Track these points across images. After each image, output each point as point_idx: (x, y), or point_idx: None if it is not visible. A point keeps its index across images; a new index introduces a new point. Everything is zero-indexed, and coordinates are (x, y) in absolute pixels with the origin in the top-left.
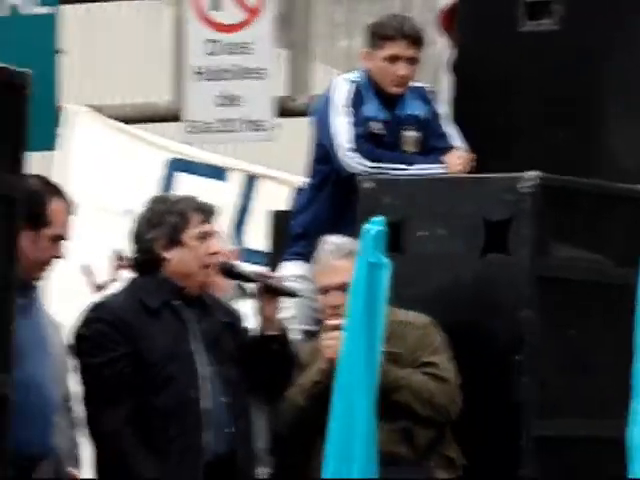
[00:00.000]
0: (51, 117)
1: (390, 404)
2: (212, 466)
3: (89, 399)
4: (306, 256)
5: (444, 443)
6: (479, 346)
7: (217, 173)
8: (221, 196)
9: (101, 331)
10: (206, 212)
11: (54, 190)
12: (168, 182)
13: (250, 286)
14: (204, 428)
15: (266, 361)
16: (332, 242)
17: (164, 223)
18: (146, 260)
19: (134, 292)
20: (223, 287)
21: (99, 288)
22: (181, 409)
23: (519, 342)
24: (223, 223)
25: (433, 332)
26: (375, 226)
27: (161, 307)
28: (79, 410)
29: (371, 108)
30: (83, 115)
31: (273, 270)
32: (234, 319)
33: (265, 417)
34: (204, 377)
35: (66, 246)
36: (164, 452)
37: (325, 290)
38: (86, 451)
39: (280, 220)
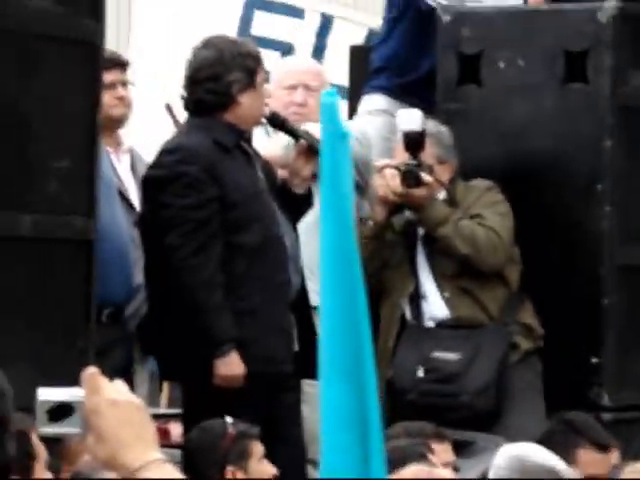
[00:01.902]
0: None
1: (435, 241)
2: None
3: (177, 243)
4: (386, 89)
5: (521, 311)
6: (561, 177)
7: (295, 12)
8: (298, 35)
9: (189, 173)
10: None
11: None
12: (247, 21)
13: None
14: (290, 263)
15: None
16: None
17: (241, 65)
18: (216, 102)
19: (207, 133)
20: None
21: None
22: (269, 246)
23: (601, 171)
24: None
25: (492, 193)
26: (330, 97)
27: (234, 148)
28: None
29: None
30: None
31: (355, 103)
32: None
33: None
34: (278, 214)
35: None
36: (254, 289)
37: None
38: None
39: (359, 55)
